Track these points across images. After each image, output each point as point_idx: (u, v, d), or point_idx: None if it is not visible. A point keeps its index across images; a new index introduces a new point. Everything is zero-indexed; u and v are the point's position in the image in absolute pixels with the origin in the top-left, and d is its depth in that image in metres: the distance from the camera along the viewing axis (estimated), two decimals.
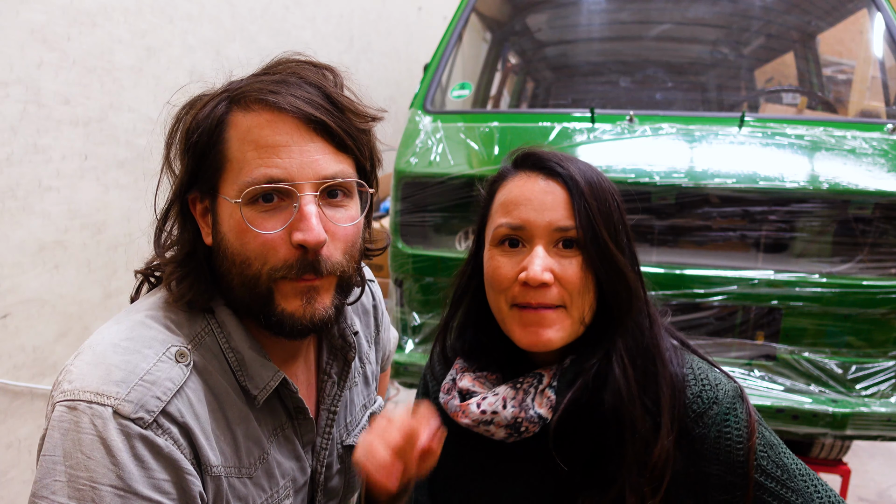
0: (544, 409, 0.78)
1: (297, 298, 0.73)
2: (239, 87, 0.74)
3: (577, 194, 0.76)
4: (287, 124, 0.71)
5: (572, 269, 0.76)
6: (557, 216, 0.76)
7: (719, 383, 0.80)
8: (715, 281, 1.88)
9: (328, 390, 0.89)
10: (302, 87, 0.73)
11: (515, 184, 0.80)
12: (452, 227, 2.14)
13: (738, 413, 0.78)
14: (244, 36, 3.06)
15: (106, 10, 2.18)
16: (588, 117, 2.10)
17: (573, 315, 0.77)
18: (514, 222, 0.77)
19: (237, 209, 0.71)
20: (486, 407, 0.80)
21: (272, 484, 0.80)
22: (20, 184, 1.92)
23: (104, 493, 0.63)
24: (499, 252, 0.79)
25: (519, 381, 0.81)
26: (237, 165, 0.71)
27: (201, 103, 0.75)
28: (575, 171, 0.78)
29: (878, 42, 2.46)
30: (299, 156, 0.70)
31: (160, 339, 0.71)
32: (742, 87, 3.48)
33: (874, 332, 1.84)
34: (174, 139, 0.76)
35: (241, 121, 0.72)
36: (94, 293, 2.22)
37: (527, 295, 0.76)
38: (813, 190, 1.84)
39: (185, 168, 0.75)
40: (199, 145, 0.73)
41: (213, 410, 0.73)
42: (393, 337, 1.15)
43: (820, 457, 2.31)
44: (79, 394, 0.65)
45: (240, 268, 0.73)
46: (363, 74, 4.58)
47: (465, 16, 2.66)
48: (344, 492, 0.94)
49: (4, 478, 1.99)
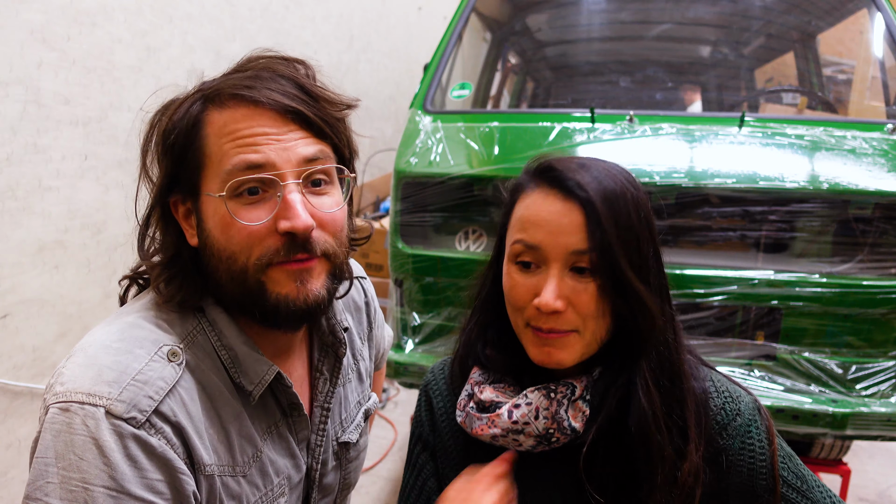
0: (578, 423, 0.77)
1: (290, 281, 0.73)
2: (212, 85, 0.74)
3: (593, 220, 0.72)
4: (264, 116, 0.71)
5: (587, 296, 0.73)
6: (573, 241, 0.73)
7: (739, 395, 0.82)
8: (715, 281, 1.88)
9: (321, 387, 0.89)
10: (276, 80, 0.73)
11: (533, 200, 0.77)
12: (452, 227, 2.14)
13: (759, 424, 0.80)
14: (244, 36, 3.06)
15: (106, 10, 2.18)
16: (588, 117, 2.10)
17: (586, 338, 0.76)
18: (529, 241, 0.75)
19: (221, 203, 0.71)
20: (517, 417, 0.78)
21: (266, 482, 0.80)
22: (20, 184, 1.92)
23: (97, 493, 0.63)
24: (515, 270, 0.78)
25: (552, 389, 0.78)
26: (216, 159, 0.71)
27: (175, 106, 0.75)
28: (595, 192, 0.73)
29: (878, 42, 2.46)
30: (278, 143, 0.71)
31: (152, 339, 0.71)
32: (742, 87, 3.48)
33: (874, 332, 1.84)
34: (150, 145, 0.76)
35: (216, 118, 0.72)
36: (93, 293, 2.22)
37: (539, 319, 0.75)
38: (813, 190, 1.84)
39: (164, 171, 0.74)
40: (176, 146, 0.73)
41: (206, 409, 0.73)
42: (388, 335, 1.15)
43: (820, 457, 2.31)
44: (71, 395, 0.65)
45: (226, 263, 0.72)
46: (363, 74, 4.58)
47: (465, 16, 2.66)
48: (339, 489, 0.95)
49: (4, 478, 1.99)
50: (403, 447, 2.96)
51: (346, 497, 0.99)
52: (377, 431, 3.10)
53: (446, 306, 2.10)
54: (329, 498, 0.93)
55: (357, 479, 0.99)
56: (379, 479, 2.76)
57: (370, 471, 2.81)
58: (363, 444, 0.99)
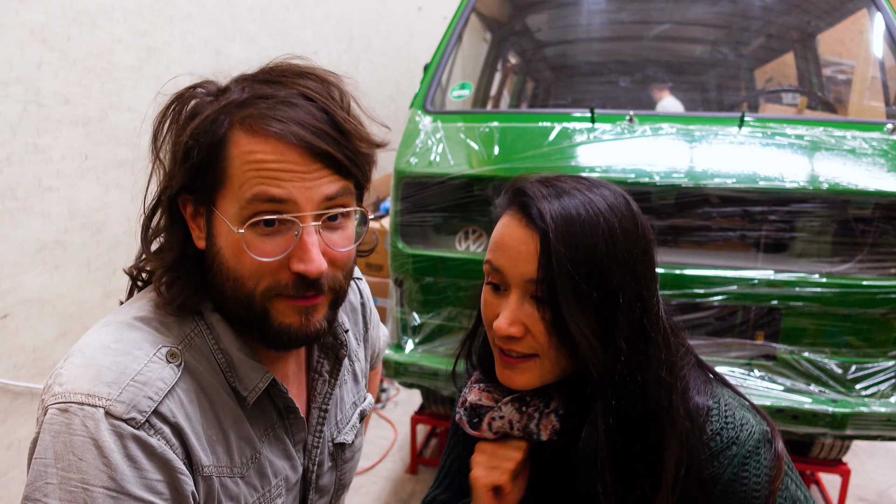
0: (546, 435, 0.78)
1: (295, 315, 0.74)
2: (242, 103, 0.71)
3: (544, 251, 0.71)
4: (293, 153, 0.69)
5: (542, 325, 0.73)
6: (528, 269, 0.73)
7: (745, 423, 0.74)
8: (715, 281, 1.88)
9: (319, 388, 0.89)
10: (309, 112, 0.71)
11: (503, 222, 0.77)
12: (452, 227, 2.15)
13: (761, 459, 0.72)
14: (244, 36, 3.06)
15: (106, 10, 2.18)
16: (588, 117, 2.10)
17: (546, 365, 0.75)
18: (494, 264, 0.77)
19: (234, 228, 0.70)
20: (496, 427, 0.80)
21: (264, 483, 0.80)
22: (20, 184, 1.92)
23: (96, 494, 0.62)
24: (488, 289, 0.79)
25: (526, 402, 0.79)
26: (237, 183, 0.70)
27: (200, 111, 0.72)
28: (554, 223, 0.71)
29: (878, 42, 2.46)
30: (302, 181, 0.70)
31: (150, 340, 0.71)
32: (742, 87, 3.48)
33: (874, 332, 1.84)
34: (164, 136, 0.75)
35: (244, 142, 0.70)
36: (94, 293, 2.23)
37: (500, 341, 0.76)
38: (813, 190, 1.84)
39: (179, 175, 0.73)
40: (197, 158, 0.71)
41: (204, 411, 0.73)
42: (383, 335, 1.16)
43: (820, 457, 2.31)
44: (70, 396, 0.65)
45: (233, 284, 0.72)
46: (363, 74, 4.58)
47: (465, 16, 2.66)
48: (335, 489, 0.95)
49: (4, 478, 1.99)
50: (403, 447, 2.96)
51: (341, 497, 0.99)
52: (377, 431, 3.11)
53: (446, 306, 2.10)
54: (325, 498, 0.94)
55: (352, 480, 1.00)
56: (379, 479, 2.75)
57: (370, 471, 2.81)
58: (358, 445, 1.00)
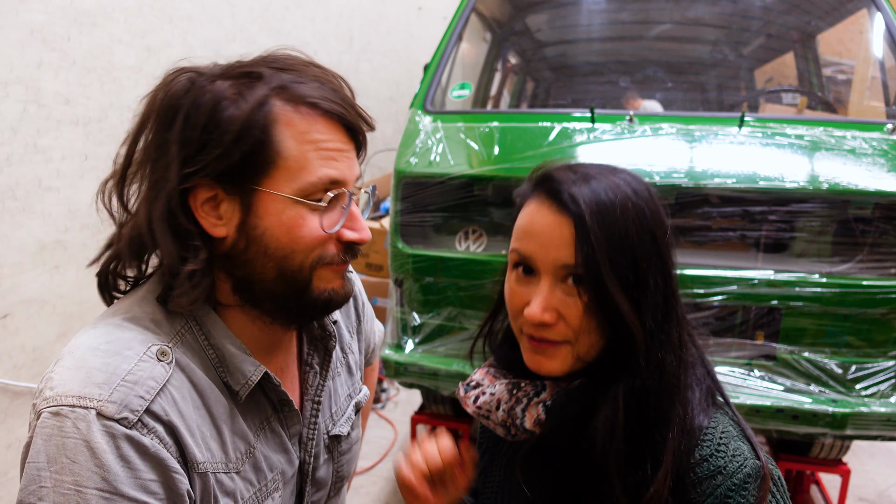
0: (530, 423, 0.77)
1: (338, 278, 0.80)
2: (281, 83, 0.73)
3: (581, 235, 0.71)
4: (339, 132, 0.76)
5: (576, 310, 0.73)
6: (563, 255, 0.72)
7: (737, 455, 0.71)
8: (715, 281, 1.88)
9: (311, 380, 0.90)
10: (340, 94, 0.78)
11: (530, 210, 0.77)
12: (452, 227, 2.15)
13: (747, 495, 0.69)
14: (244, 36, 3.06)
15: (106, 10, 2.19)
16: (588, 117, 2.10)
17: (578, 350, 0.75)
18: (522, 252, 0.76)
19: (291, 206, 0.73)
20: (480, 403, 0.82)
21: (260, 478, 0.80)
22: (20, 184, 1.92)
23: (90, 496, 0.62)
24: (514, 277, 0.78)
25: (520, 386, 0.80)
26: (296, 164, 0.72)
27: (224, 97, 0.71)
28: (588, 206, 0.71)
29: (878, 42, 2.46)
30: (348, 160, 0.77)
31: (140, 340, 0.71)
32: (742, 87, 3.48)
33: (874, 332, 1.84)
34: (160, 130, 0.74)
35: (295, 120, 0.73)
36: (93, 293, 2.21)
37: (531, 328, 0.75)
38: (813, 190, 1.84)
39: (203, 164, 0.71)
40: (246, 143, 0.70)
41: (197, 407, 0.73)
42: (378, 329, 1.17)
43: (820, 457, 2.31)
44: (61, 398, 0.64)
45: (280, 261, 0.74)
46: (363, 74, 4.58)
47: (465, 16, 2.66)
48: (332, 482, 0.95)
49: (4, 478, 1.99)
50: (403, 447, 2.96)
51: (340, 490, 1.00)
52: (377, 431, 3.10)
53: (446, 306, 2.10)
54: (323, 492, 0.94)
55: (350, 473, 1.00)
56: (379, 479, 2.76)
57: (370, 471, 2.81)
58: (355, 437, 1.00)
